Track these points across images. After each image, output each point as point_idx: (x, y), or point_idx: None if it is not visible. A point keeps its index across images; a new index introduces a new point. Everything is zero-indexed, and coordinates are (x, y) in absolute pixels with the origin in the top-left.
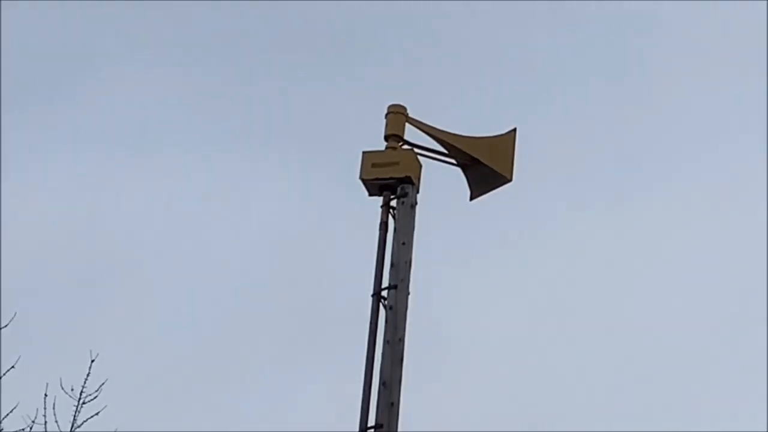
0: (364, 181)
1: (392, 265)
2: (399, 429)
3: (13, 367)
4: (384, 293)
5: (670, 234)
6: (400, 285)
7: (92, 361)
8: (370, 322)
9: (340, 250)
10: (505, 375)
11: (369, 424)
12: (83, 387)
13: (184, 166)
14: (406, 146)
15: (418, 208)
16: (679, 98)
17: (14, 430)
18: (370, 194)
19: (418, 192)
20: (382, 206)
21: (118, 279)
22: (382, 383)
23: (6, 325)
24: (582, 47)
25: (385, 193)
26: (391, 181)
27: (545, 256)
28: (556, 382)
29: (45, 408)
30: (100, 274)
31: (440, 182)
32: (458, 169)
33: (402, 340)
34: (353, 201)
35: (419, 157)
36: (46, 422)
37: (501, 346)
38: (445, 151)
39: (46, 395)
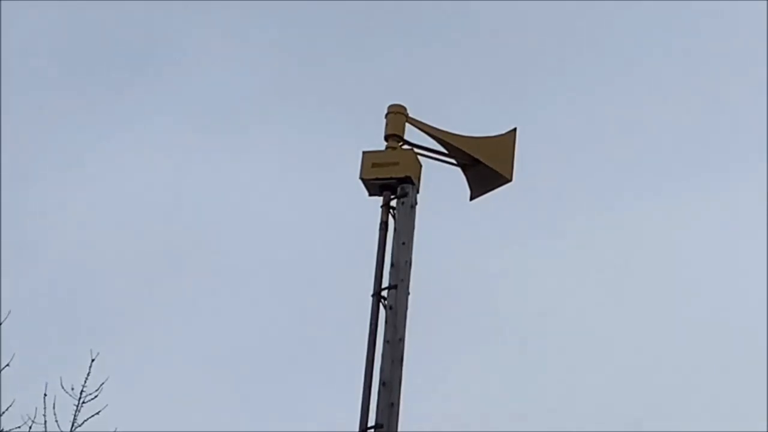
0: (364, 181)
1: (392, 265)
2: (399, 429)
3: (8, 364)
4: (384, 293)
5: (670, 235)
6: (400, 285)
7: (92, 360)
8: (370, 322)
9: (340, 250)
10: (505, 375)
11: (369, 424)
12: (83, 386)
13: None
14: (406, 146)
15: (418, 208)
16: (680, 98)
17: (14, 429)
18: (370, 194)
19: (418, 192)
20: (382, 206)
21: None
22: (382, 383)
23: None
24: (582, 47)
25: (385, 193)
26: (391, 181)
27: (545, 257)
28: (554, 382)
29: (45, 407)
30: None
31: (440, 182)
32: (458, 169)
33: (402, 340)
34: (353, 201)
35: (419, 157)
36: (46, 422)
37: (501, 346)
38: (445, 151)
39: (45, 395)
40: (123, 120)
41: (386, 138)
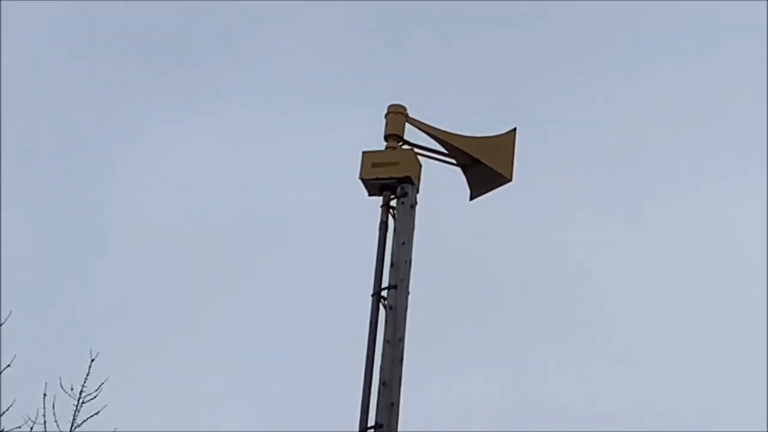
0: (364, 181)
1: (392, 265)
2: (399, 429)
3: (9, 365)
4: (384, 293)
5: (672, 236)
6: (400, 285)
7: (92, 360)
8: (370, 322)
9: (340, 250)
10: (506, 374)
11: (369, 424)
12: (83, 386)
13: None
14: (406, 146)
15: (418, 208)
16: (681, 97)
17: (14, 429)
18: (370, 194)
19: (418, 192)
20: (382, 206)
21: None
22: (382, 383)
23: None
24: (582, 47)
25: (385, 193)
26: (391, 181)
27: (544, 257)
28: (554, 382)
29: (44, 407)
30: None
31: (440, 182)
32: (458, 169)
33: (402, 339)
34: (353, 201)
35: (419, 157)
36: (45, 422)
37: (502, 345)
38: (445, 151)
39: (45, 395)
40: (174, 109)
41: (386, 138)
